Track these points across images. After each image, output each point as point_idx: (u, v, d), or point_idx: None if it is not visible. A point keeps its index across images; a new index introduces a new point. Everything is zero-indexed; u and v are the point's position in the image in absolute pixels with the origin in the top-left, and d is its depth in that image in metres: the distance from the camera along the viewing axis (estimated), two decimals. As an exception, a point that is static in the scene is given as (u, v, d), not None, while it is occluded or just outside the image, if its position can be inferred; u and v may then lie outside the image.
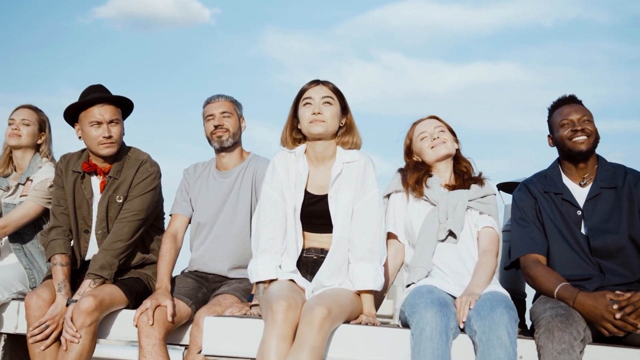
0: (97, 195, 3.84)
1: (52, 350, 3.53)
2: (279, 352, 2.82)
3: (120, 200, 3.77)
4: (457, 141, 3.62)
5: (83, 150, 3.93)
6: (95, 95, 3.76)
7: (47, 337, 3.51)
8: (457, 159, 3.61)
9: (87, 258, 3.84)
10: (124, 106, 3.87)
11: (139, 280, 3.80)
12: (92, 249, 3.83)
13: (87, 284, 3.60)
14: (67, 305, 3.53)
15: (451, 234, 3.37)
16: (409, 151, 3.67)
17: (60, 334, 3.51)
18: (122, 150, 3.88)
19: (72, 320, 3.43)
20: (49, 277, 3.77)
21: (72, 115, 3.80)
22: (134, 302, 3.73)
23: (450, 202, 3.40)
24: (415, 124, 3.66)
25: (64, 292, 3.59)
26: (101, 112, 3.73)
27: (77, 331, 3.40)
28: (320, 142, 3.34)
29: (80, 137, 3.82)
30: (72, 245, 3.83)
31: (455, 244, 3.37)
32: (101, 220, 3.78)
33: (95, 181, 3.85)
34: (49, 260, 3.74)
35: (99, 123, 3.72)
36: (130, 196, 3.77)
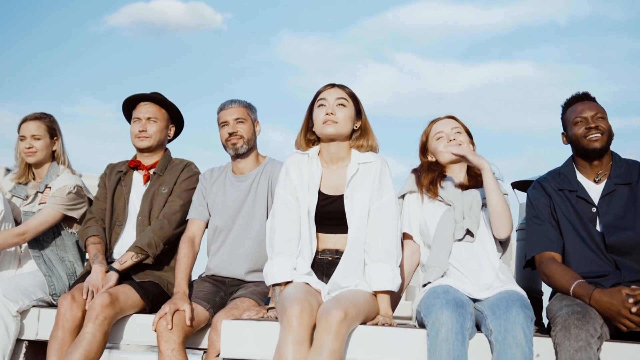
0: (137, 189, 4.11)
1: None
2: (297, 357, 2.83)
3: (165, 192, 4.03)
4: (472, 143, 3.62)
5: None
6: (141, 94, 4.16)
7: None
8: None
9: (115, 250, 4.01)
10: (175, 115, 4.24)
11: (156, 284, 3.85)
12: (122, 242, 4.00)
13: (129, 256, 3.81)
14: (107, 272, 3.72)
15: (468, 232, 3.38)
16: (424, 149, 3.68)
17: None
18: (167, 155, 4.21)
19: (85, 314, 3.53)
20: (80, 280, 3.82)
21: (129, 114, 4.21)
22: (150, 306, 3.77)
23: (465, 202, 3.41)
24: (432, 122, 3.66)
25: (98, 261, 3.80)
26: (142, 110, 4.12)
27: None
28: (334, 143, 3.36)
29: (130, 135, 4.17)
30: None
31: (471, 243, 3.38)
32: (144, 209, 4.01)
33: (138, 176, 4.16)
34: (85, 247, 3.98)
35: (139, 119, 4.10)
36: (177, 190, 4.04)
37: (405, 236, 3.52)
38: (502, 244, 3.46)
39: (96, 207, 4.11)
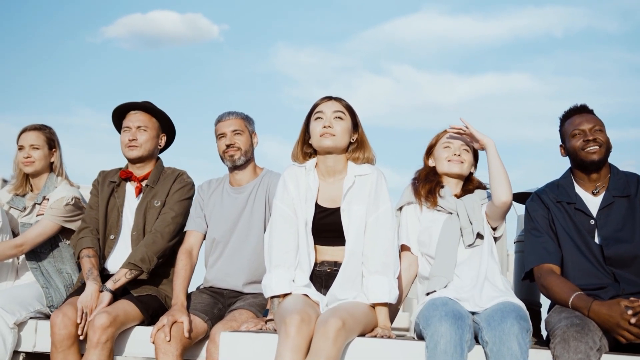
0: (130, 201, 4.06)
1: None
2: None
3: (158, 205, 3.98)
4: (475, 166, 3.65)
5: (120, 167, 4.19)
6: (131, 102, 4.11)
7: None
8: (470, 179, 3.64)
9: (108, 263, 3.98)
10: (166, 124, 4.19)
11: (155, 298, 3.83)
12: (115, 256, 3.97)
13: (123, 273, 3.75)
14: (101, 292, 3.67)
15: (479, 235, 3.40)
16: (429, 151, 3.70)
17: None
18: (159, 165, 4.16)
19: (87, 336, 3.48)
20: (72, 294, 3.82)
21: (120, 124, 4.14)
22: (149, 319, 3.75)
23: (468, 206, 3.43)
24: (447, 131, 3.67)
25: (92, 277, 3.74)
26: (132, 118, 4.07)
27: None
28: (331, 156, 3.37)
29: (120, 144, 4.11)
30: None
31: (471, 252, 3.38)
32: (138, 223, 3.96)
33: (130, 187, 4.10)
34: (78, 258, 3.93)
35: (129, 128, 4.05)
36: (169, 202, 3.99)
37: (404, 248, 3.53)
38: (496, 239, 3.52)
39: (90, 217, 4.06)
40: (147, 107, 4.11)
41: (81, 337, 3.55)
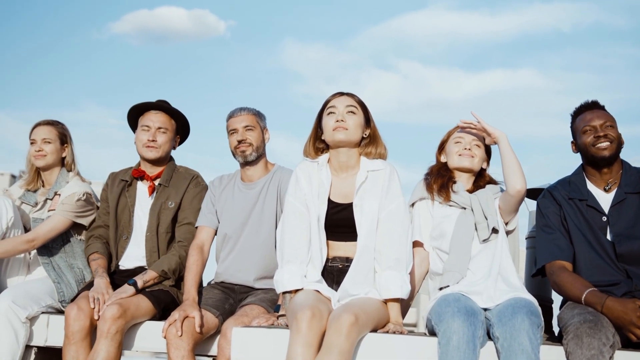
0: (142, 201, 4.07)
1: None
2: (305, 358, 2.85)
3: (172, 206, 4.00)
4: (488, 161, 3.64)
5: (131, 167, 4.20)
6: (151, 102, 4.10)
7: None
8: (482, 174, 3.64)
9: (121, 263, 4.00)
10: (181, 125, 4.19)
11: (167, 293, 3.84)
12: (128, 255, 3.99)
13: (154, 276, 3.79)
14: (129, 284, 3.70)
15: (494, 230, 3.40)
16: (441, 147, 3.70)
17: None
18: (171, 164, 4.15)
19: (92, 320, 3.54)
20: (85, 288, 3.84)
21: (134, 121, 4.14)
22: (161, 314, 3.77)
23: (482, 200, 3.43)
24: (459, 125, 3.66)
25: (99, 274, 3.80)
26: (152, 118, 4.06)
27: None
28: (344, 150, 3.37)
29: (135, 142, 4.12)
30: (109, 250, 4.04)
31: (484, 247, 3.38)
32: (152, 224, 3.97)
33: (142, 187, 4.11)
34: (88, 262, 3.98)
35: (149, 127, 4.03)
36: (189, 208, 4.01)
37: (416, 244, 3.53)
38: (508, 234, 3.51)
39: (100, 220, 4.10)
40: (168, 108, 4.10)
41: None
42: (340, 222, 3.34)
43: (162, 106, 4.10)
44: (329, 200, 3.36)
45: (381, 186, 3.34)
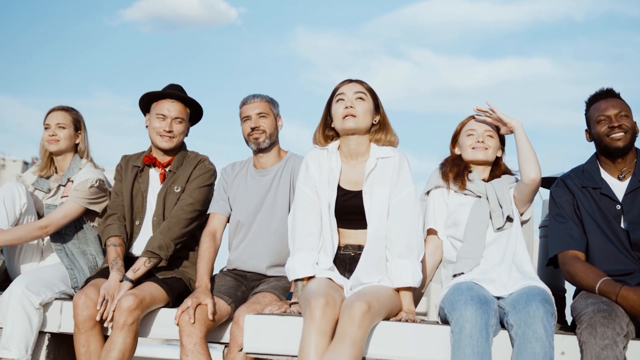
0: (154, 187, 4.06)
1: (97, 349, 3.59)
2: (319, 346, 2.86)
3: (178, 191, 3.98)
4: (502, 149, 3.63)
5: (143, 151, 4.19)
6: (169, 90, 4.07)
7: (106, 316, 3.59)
8: (497, 163, 3.62)
9: (133, 249, 4.00)
10: (194, 111, 4.15)
11: (180, 280, 3.86)
12: (139, 241, 3.99)
13: (142, 262, 3.76)
14: (121, 281, 3.67)
15: (508, 219, 3.39)
16: (454, 139, 3.69)
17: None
18: (183, 150, 4.14)
19: (113, 319, 3.52)
20: (95, 276, 3.86)
21: (146, 105, 4.11)
22: (174, 301, 3.78)
23: (497, 189, 3.42)
24: (472, 117, 3.66)
25: (117, 267, 3.75)
26: (169, 107, 4.02)
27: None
28: (354, 137, 3.37)
29: (147, 127, 4.11)
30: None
31: (498, 235, 3.37)
32: (158, 209, 3.98)
33: (154, 173, 4.10)
34: (105, 245, 3.95)
35: (164, 116, 4.00)
36: (188, 188, 3.97)
37: (430, 232, 3.53)
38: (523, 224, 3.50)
39: (116, 203, 4.06)
40: (185, 98, 4.07)
41: (105, 324, 3.58)
42: (350, 209, 3.34)
43: (179, 95, 4.06)
44: (339, 188, 3.36)
45: (391, 174, 3.33)
